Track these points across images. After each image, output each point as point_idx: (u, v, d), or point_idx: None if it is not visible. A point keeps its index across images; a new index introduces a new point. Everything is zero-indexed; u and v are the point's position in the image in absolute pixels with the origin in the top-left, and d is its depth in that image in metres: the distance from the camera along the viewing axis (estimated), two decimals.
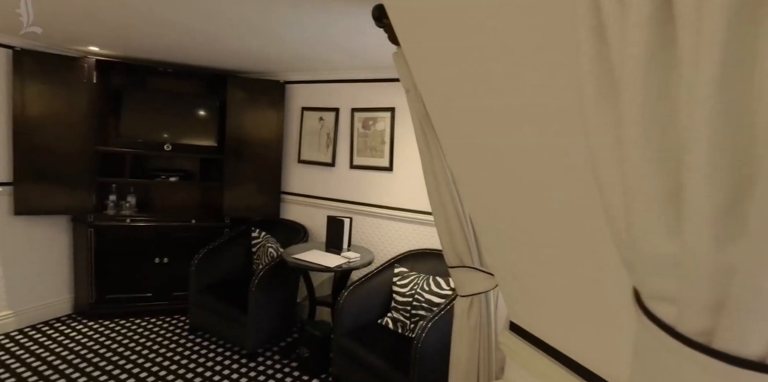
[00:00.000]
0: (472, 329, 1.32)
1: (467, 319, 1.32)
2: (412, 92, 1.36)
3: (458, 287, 1.37)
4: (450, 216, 1.31)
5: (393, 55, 1.42)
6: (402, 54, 1.38)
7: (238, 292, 2.77)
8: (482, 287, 1.31)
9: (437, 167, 1.33)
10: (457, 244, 1.32)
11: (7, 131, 2.72)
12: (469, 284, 1.33)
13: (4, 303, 2.80)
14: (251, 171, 3.23)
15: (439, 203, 1.33)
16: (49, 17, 2.14)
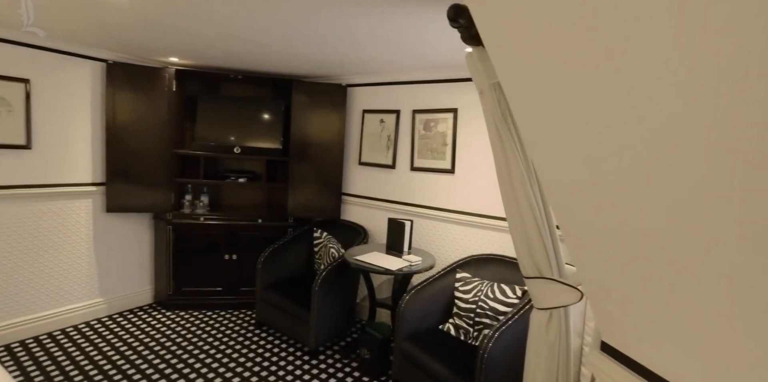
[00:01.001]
0: (550, 344, 1.24)
1: (545, 333, 1.24)
2: (486, 93, 1.31)
3: (536, 299, 1.29)
4: (528, 224, 1.24)
5: (466, 56, 1.37)
6: (477, 54, 1.33)
7: (302, 290, 2.85)
8: (563, 300, 1.22)
9: (513, 172, 1.27)
10: (535, 253, 1.25)
11: (101, 137, 3.00)
12: (547, 297, 1.25)
13: (97, 292, 3.10)
14: (314, 172, 3.32)
15: (515, 210, 1.27)
16: (137, 33, 2.34)
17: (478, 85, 1.36)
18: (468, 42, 1.36)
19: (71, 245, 2.92)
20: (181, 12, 1.92)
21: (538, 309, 1.29)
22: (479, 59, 1.31)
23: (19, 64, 2.58)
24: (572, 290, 1.21)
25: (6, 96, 2.56)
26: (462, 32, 1.31)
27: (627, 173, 0.65)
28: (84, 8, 1.96)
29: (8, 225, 2.61)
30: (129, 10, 1.95)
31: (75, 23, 2.25)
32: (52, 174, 2.77)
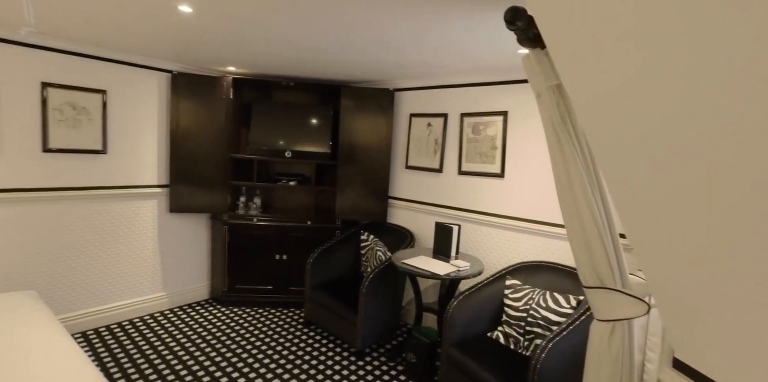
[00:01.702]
0: (613, 358, 1.18)
1: (608, 347, 1.18)
2: (545, 96, 1.27)
3: (596, 310, 1.23)
4: (588, 231, 1.19)
5: (523, 58, 1.34)
6: (534, 56, 1.30)
7: (349, 291, 2.90)
8: (627, 313, 1.16)
9: (573, 177, 1.22)
10: (596, 262, 1.20)
11: (166, 142, 3.22)
12: (610, 309, 1.19)
13: (160, 286, 3.32)
14: (361, 176, 3.37)
15: (575, 216, 1.22)
16: (200, 45, 2.49)
17: (535, 87, 1.32)
18: (525, 44, 1.33)
19: (139, 242, 3.15)
20: (243, 24, 2.03)
21: (599, 321, 1.23)
22: (537, 61, 1.28)
23: (97, 77, 2.84)
24: (638, 303, 1.14)
25: (87, 106, 2.82)
26: (519, 34, 1.29)
27: (710, 176, 0.61)
28: (156, 23, 2.12)
29: (87, 222, 2.86)
30: (196, 25, 2.08)
31: (146, 37, 2.44)
32: (123, 176, 3.01)
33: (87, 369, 1.50)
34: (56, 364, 1.49)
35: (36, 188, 2.63)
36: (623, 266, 1.24)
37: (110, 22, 2.17)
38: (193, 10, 1.84)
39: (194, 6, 1.80)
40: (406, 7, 1.66)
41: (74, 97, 2.76)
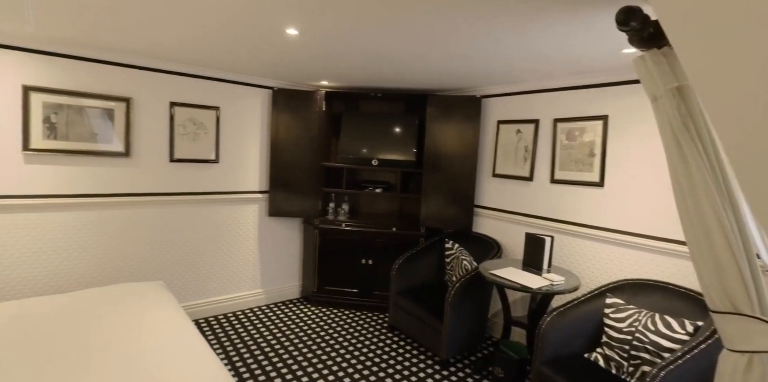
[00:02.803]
0: None
1: None
2: (663, 99, 1.17)
3: (728, 339, 1.09)
4: (718, 248, 1.06)
5: (636, 60, 1.25)
6: (650, 58, 1.21)
7: (433, 299, 2.90)
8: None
9: (699, 187, 1.10)
10: (727, 284, 1.06)
11: (267, 152, 3.54)
12: (746, 338, 1.04)
13: (259, 283, 3.62)
14: (446, 184, 3.37)
15: (700, 232, 1.10)
16: (299, 63, 2.70)
17: (650, 91, 1.23)
18: (637, 45, 1.24)
19: (243, 242, 3.48)
20: (341, 42, 2.17)
21: (731, 351, 1.09)
22: (653, 63, 1.19)
23: (212, 95, 3.22)
24: None
25: (204, 121, 3.21)
26: (632, 35, 1.21)
27: None
28: (264, 47, 2.36)
29: (201, 222, 3.24)
30: (299, 45, 2.27)
31: (254, 59, 2.72)
32: (231, 183, 3.37)
33: (205, 350, 1.70)
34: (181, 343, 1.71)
35: (164, 193, 3.05)
36: (762, 290, 1.08)
37: (227, 48, 2.46)
38: (298, 32, 2.02)
39: (300, 29, 1.97)
40: (501, 15, 1.65)
41: (194, 113, 3.16)
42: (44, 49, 2.53)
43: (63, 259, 2.71)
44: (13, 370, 1.43)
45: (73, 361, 1.51)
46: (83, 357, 1.55)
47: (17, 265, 2.57)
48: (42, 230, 2.62)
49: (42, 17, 2.03)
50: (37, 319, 1.85)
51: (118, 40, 2.41)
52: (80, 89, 2.67)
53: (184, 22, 2.00)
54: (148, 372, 1.47)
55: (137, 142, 2.90)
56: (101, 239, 2.84)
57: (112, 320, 1.88)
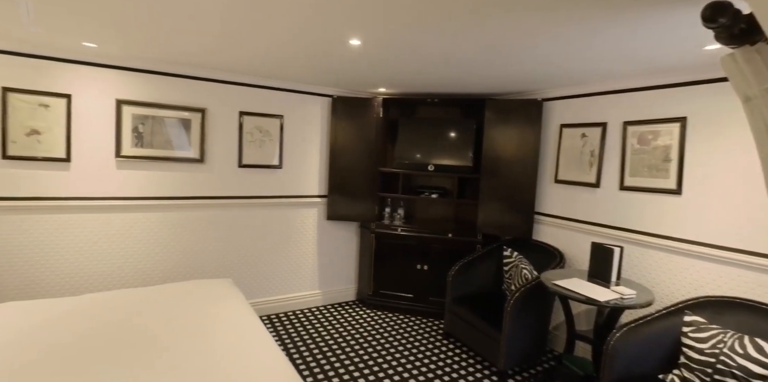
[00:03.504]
0: None
1: None
2: (758, 99, 1.07)
3: None
4: None
5: (724, 59, 1.16)
6: (741, 55, 1.11)
7: (491, 307, 2.83)
8: None
9: None
10: None
11: (326, 158, 3.67)
12: None
13: (316, 284, 3.75)
14: (504, 190, 3.28)
15: None
16: (359, 71, 2.78)
17: (741, 90, 1.13)
18: (726, 42, 1.15)
19: (302, 244, 3.63)
20: (401, 51, 2.21)
21: None
22: (745, 61, 1.09)
23: (276, 104, 3.40)
24: None
25: (269, 129, 3.40)
26: (719, 32, 1.12)
27: None
28: (326, 57, 2.46)
29: (265, 224, 3.43)
30: (361, 54, 2.34)
31: (316, 69, 2.84)
32: (293, 187, 3.52)
33: (272, 345, 1.79)
34: (250, 337, 1.82)
35: (233, 196, 3.26)
36: None
37: (292, 60, 2.59)
38: (361, 42, 2.08)
39: (363, 39, 2.03)
40: (568, 15, 1.60)
41: (260, 122, 3.35)
42: (133, 66, 2.82)
43: (144, 255, 2.99)
44: (97, 356, 1.60)
45: (150, 350, 1.66)
46: (159, 346, 1.69)
47: (108, 259, 2.87)
48: (128, 229, 2.91)
49: (133, 38, 2.27)
50: (120, 310, 2.05)
51: (198, 56, 2.63)
52: (163, 101, 2.94)
53: (256, 39, 2.15)
54: (221, 363, 1.58)
55: (210, 149, 3.14)
56: (177, 238, 3.09)
57: (188, 313, 2.04)
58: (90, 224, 2.79)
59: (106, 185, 2.81)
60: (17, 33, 2.29)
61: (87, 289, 2.80)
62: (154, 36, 2.21)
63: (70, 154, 2.68)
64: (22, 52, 2.51)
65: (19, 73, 2.52)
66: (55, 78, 2.62)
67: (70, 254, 2.75)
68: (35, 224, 2.63)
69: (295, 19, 1.79)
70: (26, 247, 2.62)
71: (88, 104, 2.72)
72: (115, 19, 1.93)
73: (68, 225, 2.73)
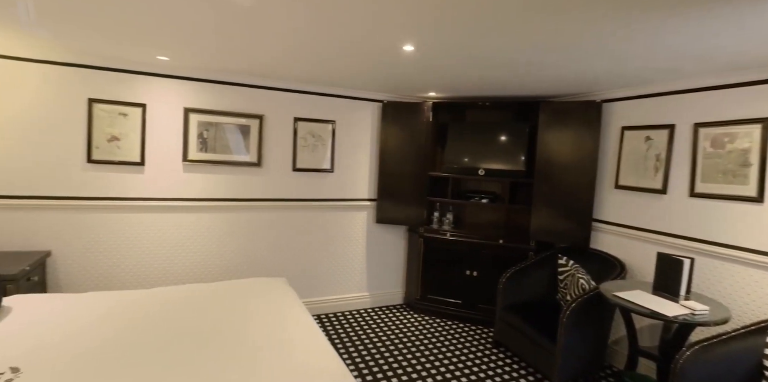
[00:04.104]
0: None
1: None
2: None
3: None
4: None
5: None
6: None
7: (545, 318, 2.73)
8: None
9: None
10: None
11: (375, 162, 3.72)
12: None
13: (365, 287, 3.80)
14: (560, 195, 3.16)
15: None
16: (410, 76, 2.80)
17: None
18: None
19: (352, 247, 3.70)
20: (455, 55, 2.21)
21: None
22: None
23: (329, 110, 3.50)
24: None
25: (321, 134, 3.50)
26: None
27: None
28: (379, 63, 2.50)
29: (317, 226, 3.53)
30: (413, 60, 2.36)
31: (368, 75, 2.89)
32: (344, 191, 3.61)
33: (324, 342, 1.84)
34: (305, 334, 1.88)
35: (286, 199, 3.39)
36: None
37: (345, 67, 2.66)
38: (414, 48, 2.10)
39: (416, 44, 2.05)
40: (635, 12, 1.52)
41: (313, 127, 3.47)
42: (199, 77, 3.03)
43: (205, 253, 3.18)
44: (159, 346, 1.72)
45: (213, 341, 1.76)
46: (222, 339, 1.79)
47: (173, 256, 3.08)
48: (192, 228, 3.12)
49: (203, 51, 2.44)
50: (187, 303, 2.19)
51: (262, 67, 2.78)
52: (225, 109, 3.13)
53: (317, 51, 2.24)
54: (279, 357, 1.65)
55: (267, 153, 3.29)
56: (234, 237, 3.26)
57: (248, 308, 2.15)
58: (159, 223, 3.01)
59: (173, 187, 3.02)
60: (101, 49, 2.54)
61: (156, 282, 3.03)
62: (224, 51, 2.36)
63: (144, 158, 2.92)
64: (105, 67, 2.78)
65: (102, 85, 2.79)
66: (132, 89, 2.87)
67: (142, 250, 2.98)
68: (113, 222, 2.89)
69: (355, 30, 1.84)
70: (105, 243, 2.88)
71: (160, 112, 2.95)
72: (190, 35, 2.09)
73: (141, 224, 2.96)
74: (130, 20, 1.90)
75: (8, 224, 2.64)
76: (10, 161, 2.62)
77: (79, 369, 1.47)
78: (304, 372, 1.56)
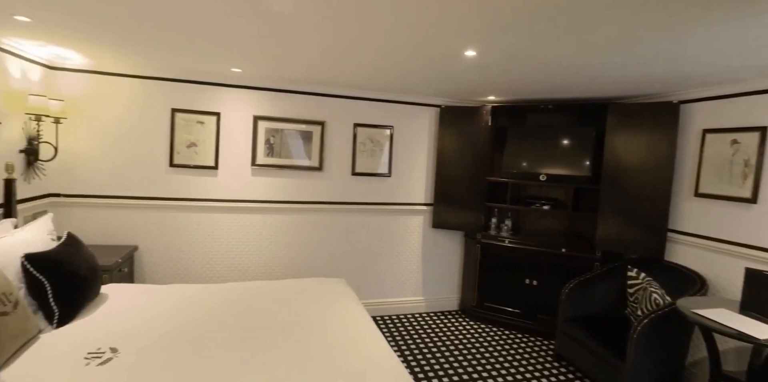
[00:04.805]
0: None
1: None
2: None
3: None
4: None
5: None
6: None
7: (612, 333, 2.58)
8: None
9: None
10: None
11: (432, 167, 3.72)
12: None
13: (420, 291, 3.81)
14: (630, 203, 2.97)
15: None
16: (470, 81, 2.78)
17: None
18: None
19: (408, 251, 3.73)
20: (517, 59, 2.17)
21: None
22: None
23: (387, 116, 3.57)
24: None
25: (380, 139, 3.58)
26: None
27: None
28: (439, 69, 2.51)
29: (373, 230, 3.60)
30: (474, 65, 2.35)
31: (426, 80, 2.92)
32: (400, 195, 3.65)
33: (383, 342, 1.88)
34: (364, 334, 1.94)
35: (345, 202, 3.50)
36: None
37: (405, 74, 2.70)
38: (476, 53, 2.10)
39: (479, 50, 2.04)
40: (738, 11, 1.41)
41: (372, 132, 3.55)
42: (267, 86, 3.22)
43: (268, 252, 3.36)
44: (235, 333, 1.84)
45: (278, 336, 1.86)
46: (286, 334, 1.88)
47: (241, 253, 3.29)
48: (257, 228, 3.31)
49: (273, 63, 2.60)
50: (254, 298, 2.33)
51: (320, 75, 2.91)
52: (289, 116, 3.30)
53: (383, 60, 2.30)
54: (342, 354, 1.71)
55: (327, 158, 3.42)
56: (295, 238, 3.41)
57: (310, 306, 2.24)
58: (230, 222, 3.24)
59: (243, 190, 3.24)
60: (182, 64, 2.79)
61: (225, 277, 3.25)
62: (296, 62, 2.51)
63: (217, 162, 3.16)
64: (186, 79, 3.05)
65: (182, 96, 3.06)
66: (208, 99, 3.12)
67: (214, 247, 3.22)
68: (190, 221, 3.15)
69: (418, 37, 1.87)
70: (183, 240, 3.15)
71: (232, 120, 3.18)
72: (261, 49, 2.24)
73: (214, 223, 3.20)
74: (210, 41, 2.08)
75: (102, 221, 2.98)
76: (105, 164, 2.96)
77: (167, 350, 1.62)
78: (364, 371, 1.60)
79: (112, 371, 1.46)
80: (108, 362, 1.51)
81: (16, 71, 2.49)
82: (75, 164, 2.91)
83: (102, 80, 2.92)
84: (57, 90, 2.83)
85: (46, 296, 1.78)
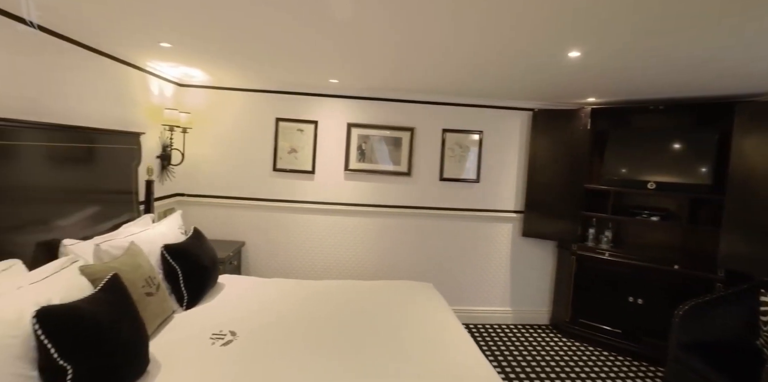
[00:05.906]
0: None
1: None
2: None
3: None
4: None
5: None
6: None
7: (740, 366, 2.24)
8: None
9: None
10: None
11: (523, 172, 3.59)
12: None
13: (507, 301, 3.67)
14: (763, 216, 2.57)
15: None
16: (569, 82, 2.64)
17: None
18: None
19: (496, 259, 3.63)
20: (627, 57, 2.02)
21: None
22: None
23: (476, 121, 3.52)
24: None
25: (468, 144, 3.54)
26: None
27: None
28: (536, 72, 2.43)
29: (460, 235, 3.57)
30: (577, 66, 2.24)
31: (519, 84, 2.83)
32: (489, 202, 3.57)
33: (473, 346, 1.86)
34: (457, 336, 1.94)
35: (433, 207, 3.52)
36: None
37: (497, 77, 2.65)
38: (581, 53, 1.99)
39: (584, 50, 1.94)
40: None
41: (460, 138, 3.53)
42: (360, 95, 3.38)
43: (358, 253, 3.50)
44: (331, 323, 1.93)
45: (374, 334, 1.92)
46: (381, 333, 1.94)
47: (334, 253, 3.47)
48: (348, 230, 3.47)
49: (368, 74, 2.72)
50: (348, 295, 2.44)
51: (412, 82, 2.97)
52: (380, 123, 3.42)
53: (483, 65, 2.30)
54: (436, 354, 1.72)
55: (416, 163, 3.48)
56: (384, 241, 3.51)
57: (402, 307, 2.28)
58: (324, 224, 3.44)
59: (336, 193, 3.43)
60: (283, 77, 3.04)
61: (320, 275, 3.45)
62: (394, 72, 2.62)
63: (314, 167, 3.39)
64: (288, 91, 3.33)
65: (285, 106, 3.34)
66: (307, 109, 3.36)
67: (310, 246, 3.45)
68: (290, 221, 3.41)
69: (520, 39, 1.83)
70: (283, 238, 3.42)
71: (328, 128, 3.39)
72: (358, 62, 2.37)
73: (311, 224, 3.43)
74: (300, 55, 2.25)
75: (216, 218, 3.36)
76: (220, 168, 3.34)
77: (278, 337, 1.79)
78: (460, 375, 1.60)
79: (232, 352, 1.64)
80: (229, 343, 1.71)
81: (155, 89, 2.93)
82: (196, 168, 3.33)
83: (219, 94, 3.31)
84: (184, 104, 3.27)
85: (179, 281, 2.06)
